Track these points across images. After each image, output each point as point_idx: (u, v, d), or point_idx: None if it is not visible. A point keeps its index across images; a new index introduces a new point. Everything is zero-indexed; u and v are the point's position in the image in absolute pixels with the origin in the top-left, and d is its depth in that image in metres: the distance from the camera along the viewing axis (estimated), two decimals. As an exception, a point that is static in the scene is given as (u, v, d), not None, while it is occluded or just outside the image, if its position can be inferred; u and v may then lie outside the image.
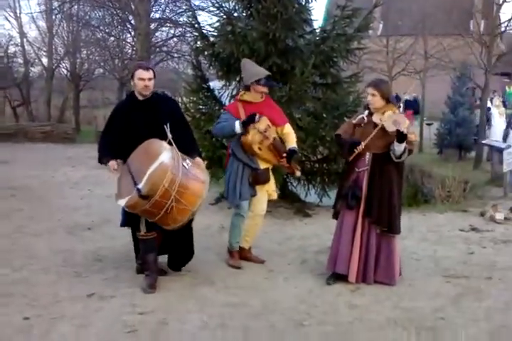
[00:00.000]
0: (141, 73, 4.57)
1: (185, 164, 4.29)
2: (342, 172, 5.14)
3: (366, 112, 4.80)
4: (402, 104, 5.49)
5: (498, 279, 4.99)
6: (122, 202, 4.26)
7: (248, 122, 4.95)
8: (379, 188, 4.70)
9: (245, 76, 5.22)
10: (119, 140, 4.59)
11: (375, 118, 4.72)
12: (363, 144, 4.61)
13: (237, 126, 4.98)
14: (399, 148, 4.59)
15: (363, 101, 7.20)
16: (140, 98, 4.65)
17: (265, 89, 5.16)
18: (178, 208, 4.20)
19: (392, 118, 4.63)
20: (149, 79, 4.59)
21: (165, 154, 4.20)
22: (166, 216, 4.23)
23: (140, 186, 4.14)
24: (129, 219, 4.60)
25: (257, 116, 4.96)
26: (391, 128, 4.60)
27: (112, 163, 4.53)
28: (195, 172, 4.36)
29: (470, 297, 4.56)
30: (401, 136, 4.54)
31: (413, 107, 26.18)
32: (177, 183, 4.15)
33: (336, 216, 4.96)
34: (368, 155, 4.72)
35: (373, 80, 4.98)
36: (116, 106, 4.92)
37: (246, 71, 5.22)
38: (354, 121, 4.83)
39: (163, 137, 4.40)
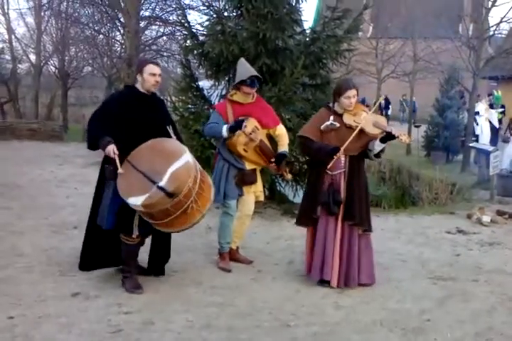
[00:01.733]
0: (152, 68, 4.47)
1: (198, 166, 4.34)
2: (309, 176, 4.95)
3: (332, 118, 4.59)
4: (390, 107, 5.53)
5: (484, 281, 5.02)
6: (137, 201, 4.05)
7: (235, 128, 4.92)
8: (358, 190, 4.66)
9: (236, 76, 5.21)
10: (117, 131, 4.34)
11: (348, 120, 4.60)
12: (342, 150, 4.51)
13: (224, 131, 4.96)
14: (379, 147, 4.58)
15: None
16: (143, 91, 4.52)
17: (250, 90, 5.11)
18: (194, 209, 4.18)
19: (371, 121, 4.58)
20: (159, 75, 4.52)
21: (188, 153, 4.23)
22: (180, 217, 4.16)
23: (162, 184, 4.05)
24: (120, 221, 4.39)
25: (244, 122, 4.92)
26: (374, 131, 4.55)
27: (113, 147, 4.24)
28: (206, 176, 4.39)
29: (456, 299, 4.58)
30: (388, 138, 4.53)
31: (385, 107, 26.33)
32: (198, 184, 4.18)
33: (308, 222, 4.80)
34: (343, 158, 4.63)
35: (348, 81, 4.82)
36: (114, 96, 4.70)
37: (237, 71, 5.23)
38: (322, 128, 4.62)
39: (164, 136, 4.43)
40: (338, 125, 4.59)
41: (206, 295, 4.50)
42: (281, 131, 5.29)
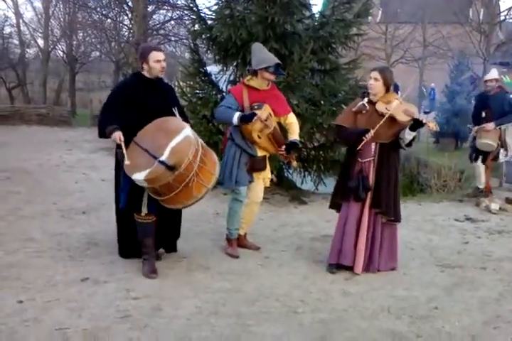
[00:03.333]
0: (157, 55, 4.49)
1: (201, 141, 4.42)
2: (343, 163, 5.03)
3: (366, 99, 4.71)
4: (399, 92, 5.53)
5: (492, 269, 5.01)
6: (140, 176, 4.15)
7: (247, 119, 4.89)
8: (386, 179, 4.69)
9: (254, 61, 5.10)
10: (128, 117, 4.41)
11: (380, 108, 4.64)
12: (372, 132, 4.54)
13: (235, 119, 4.92)
14: (410, 136, 4.60)
15: (360, 88, 7.17)
16: (151, 77, 4.56)
17: (273, 77, 5.09)
18: (197, 182, 4.24)
19: (401, 108, 4.61)
20: (164, 60, 4.54)
21: (188, 129, 4.31)
22: (184, 191, 4.22)
23: (163, 158, 4.13)
24: (130, 200, 4.48)
25: (257, 114, 4.89)
26: (404, 118, 4.57)
27: (119, 134, 4.31)
28: (209, 151, 4.46)
29: (464, 287, 4.57)
30: (417, 125, 4.54)
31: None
32: (199, 157, 4.24)
33: (335, 206, 4.92)
34: (373, 146, 4.67)
35: (379, 66, 4.97)
36: (123, 84, 4.73)
37: (256, 56, 5.11)
38: (354, 109, 4.75)
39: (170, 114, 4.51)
40: (367, 107, 4.66)
41: (214, 281, 4.52)
42: (291, 119, 5.26)
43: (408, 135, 4.60)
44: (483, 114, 7.65)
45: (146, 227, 4.60)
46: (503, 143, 7.65)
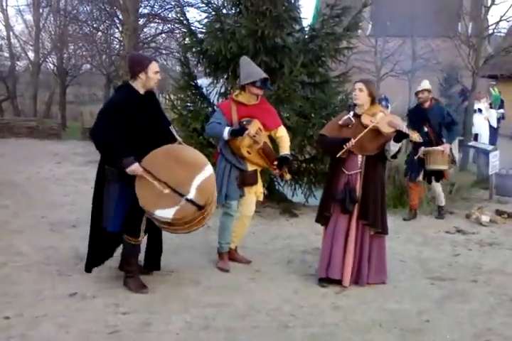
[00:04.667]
0: (156, 66, 4.40)
1: None
2: (328, 176, 5.01)
3: (351, 113, 4.75)
4: (389, 105, 5.58)
5: (483, 282, 5.00)
6: (167, 214, 4.06)
7: (237, 134, 4.88)
8: (373, 191, 4.70)
9: (241, 76, 5.11)
10: (130, 138, 4.25)
11: (365, 120, 4.68)
12: (353, 141, 4.56)
13: (226, 134, 4.92)
14: (395, 147, 4.63)
15: (350, 101, 7.21)
16: (142, 92, 4.41)
17: (260, 92, 5.08)
18: (209, 214, 4.38)
19: (385, 120, 4.63)
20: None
21: (210, 165, 4.29)
22: (197, 223, 4.32)
23: (191, 197, 4.11)
24: (128, 224, 4.37)
25: (248, 128, 4.88)
26: (388, 129, 4.59)
27: (138, 166, 4.14)
28: None
29: (455, 299, 4.57)
30: (401, 137, 4.56)
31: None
32: (215, 193, 4.40)
33: (321, 220, 4.89)
34: (360, 158, 4.69)
35: (362, 78, 5.03)
36: (120, 101, 4.37)
37: (242, 70, 5.12)
38: (340, 122, 4.77)
39: (168, 136, 4.47)
40: (353, 121, 4.69)
41: (204, 296, 4.48)
42: (282, 132, 5.26)
43: (393, 147, 4.63)
44: (425, 129, 7.08)
45: (135, 248, 4.54)
46: (452, 157, 7.37)
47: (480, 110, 13.56)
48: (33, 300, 4.22)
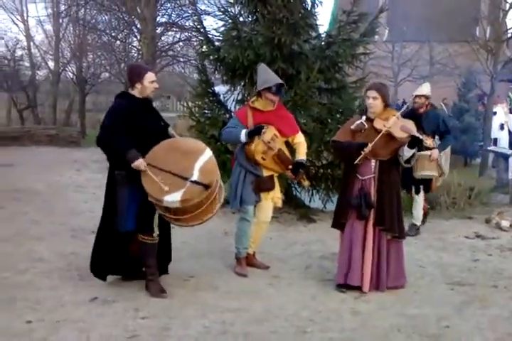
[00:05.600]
0: (152, 76, 4.58)
1: None
2: (342, 182, 5.02)
3: (364, 118, 4.72)
4: (404, 109, 5.38)
5: (503, 287, 4.95)
6: (174, 197, 4.19)
7: (254, 133, 4.94)
8: (388, 195, 4.68)
9: (258, 82, 5.18)
10: (132, 140, 4.39)
11: (378, 125, 4.66)
12: (370, 145, 4.55)
13: (243, 136, 4.97)
14: (408, 153, 4.60)
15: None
16: (140, 97, 4.58)
17: (274, 97, 5.10)
18: (216, 198, 4.44)
19: (398, 125, 4.62)
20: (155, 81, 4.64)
21: (208, 149, 4.47)
22: (206, 208, 4.36)
23: (195, 178, 4.25)
24: (141, 221, 4.46)
25: (264, 129, 4.92)
26: (401, 134, 4.57)
27: (142, 161, 4.30)
28: None
29: (475, 305, 4.53)
30: (415, 142, 4.54)
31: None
32: (219, 174, 4.48)
33: (338, 226, 4.88)
34: (373, 163, 4.68)
35: (374, 83, 4.97)
36: (121, 107, 4.56)
37: (259, 77, 5.19)
38: (352, 127, 4.74)
39: (167, 136, 4.63)
40: (366, 125, 4.67)
41: (222, 301, 4.50)
42: (299, 139, 5.28)
43: (407, 152, 4.60)
44: None
45: (152, 248, 4.59)
46: (441, 168, 6.88)
47: (495, 113, 13.42)
48: (54, 306, 4.28)
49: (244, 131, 4.96)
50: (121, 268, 4.78)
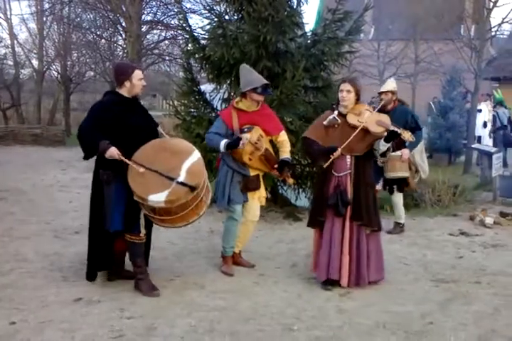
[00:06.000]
0: (140, 73, 4.59)
1: None
2: (317, 179, 5.00)
3: (336, 112, 4.70)
4: (381, 104, 5.27)
5: (487, 283, 5.00)
6: (159, 197, 4.17)
7: (232, 146, 4.93)
8: (364, 190, 4.69)
9: (242, 83, 5.17)
10: (112, 139, 4.34)
11: (352, 120, 4.64)
12: (339, 150, 4.55)
13: (222, 147, 4.97)
14: (384, 147, 4.61)
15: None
16: (129, 96, 4.57)
17: (261, 98, 5.13)
18: (203, 201, 4.44)
19: (374, 119, 4.60)
20: (144, 79, 4.65)
21: (197, 151, 4.46)
22: (192, 209, 4.35)
23: (181, 179, 4.23)
24: (127, 221, 4.45)
25: (241, 141, 4.89)
26: (377, 129, 4.56)
27: (115, 149, 4.26)
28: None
29: (459, 301, 4.56)
30: (391, 136, 4.53)
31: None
32: (206, 176, 4.48)
33: (315, 224, 4.86)
34: (348, 159, 4.67)
35: (347, 76, 4.94)
36: (102, 104, 4.56)
37: (243, 78, 5.17)
38: (325, 123, 4.72)
39: (156, 134, 4.64)
40: (339, 121, 4.65)
41: (209, 299, 4.50)
42: (283, 137, 5.29)
43: (383, 146, 4.62)
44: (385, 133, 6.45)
45: (140, 247, 4.59)
46: (415, 166, 6.71)
47: (480, 110, 13.51)
48: (38, 306, 4.25)
49: (223, 142, 4.96)
50: (108, 264, 4.75)
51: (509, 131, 13.66)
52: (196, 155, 4.43)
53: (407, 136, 4.55)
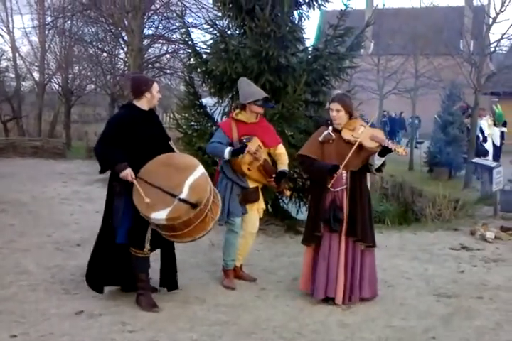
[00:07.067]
0: (157, 86, 4.68)
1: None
2: (312, 194, 4.97)
3: (331, 128, 4.72)
4: (371, 122, 5.16)
5: (488, 298, 4.99)
6: (160, 215, 4.18)
7: (237, 153, 4.97)
8: (360, 205, 4.68)
9: (242, 95, 5.22)
10: (129, 151, 4.42)
11: (346, 135, 4.66)
12: (341, 168, 4.56)
13: (227, 154, 5.02)
14: (379, 161, 4.62)
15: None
16: (146, 109, 4.63)
17: (261, 110, 5.21)
18: (209, 217, 4.38)
19: (368, 134, 4.62)
20: None
21: (201, 166, 4.44)
22: (198, 226, 4.32)
23: (183, 196, 4.22)
24: (132, 235, 4.46)
25: (247, 147, 4.95)
26: (371, 144, 4.59)
27: (130, 171, 4.33)
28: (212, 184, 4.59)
29: (461, 316, 4.56)
30: (385, 151, 4.55)
31: (399, 124, 26.52)
32: (212, 192, 4.41)
33: (312, 240, 4.80)
34: (344, 174, 4.67)
35: (337, 95, 4.90)
36: (121, 117, 4.63)
37: (243, 90, 5.23)
38: (320, 139, 4.73)
39: (168, 150, 4.62)
40: (333, 136, 4.66)
41: (210, 313, 4.49)
42: (281, 150, 5.37)
43: (378, 161, 4.62)
44: None
45: (145, 262, 4.58)
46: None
47: (480, 128, 13.60)
48: (39, 319, 4.24)
49: (228, 149, 5.02)
50: (119, 278, 4.75)
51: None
52: (200, 170, 4.41)
53: (400, 150, 4.56)
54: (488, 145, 14.01)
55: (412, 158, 16.87)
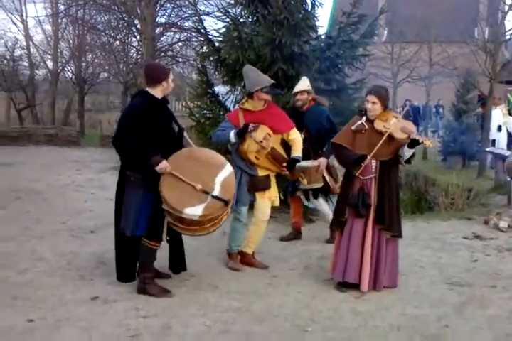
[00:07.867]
0: (171, 74, 4.65)
1: None
2: (343, 181, 5.05)
3: (364, 118, 4.76)
4: (402, 111, 5.25)
5: (502, 287, 4.98)
6: (196, 211, 4.23)
7: (242, 133, 4.99)
8: (388, 195, 4.72)
9: (249, 83, 5.21)
10: (152, 141, 4.36)
11: (379, 126, 4.70)
12: (369, 158, 4.61)
13: (232, 136, 5.04)
14: (409, 153, 4.64)
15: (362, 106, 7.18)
16: (160, 97, 4.57)
17: (268, 97, 5.19)
18: (226, 215, 4.57)
19: (399, 125, 4.65)
20: None
21: (229, 164, 4.54)
22: (217, 221, 4.47)
23: (216, 193, 4.30)
24: (151, 228, 4.45)
25: (251, 126, 4.97)
26: (401, 135, 4.61)
27: (166, 163, 4.29)
28: None
29: (474, 305, 4.55)
30: (414, 143, 4.57)
31: (423, 113, 26.32)
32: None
33: (337, 225, 4.89)
34: (374, 163, 4.71)
35: (373, 87, 4.94)
36: (141, 106, 4.45)
37: (249, 79, 5.21)
38: (353, 128, 4.78)
39: (180, 138, 4.66)
40: (366, 126, 4.71)
41: (223, 300, 4.52)
42: (294, 135, 5.31)
43: (407, 152, 4.65)
44: (303, 136, 5.67)
45: (154, 254, 4.60)
46: (335, 170, 6.12)
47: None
48: (55, 304, 4.30)
49: (232, 132, 5.04)
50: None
51: None
52: (229, 168, 4.49)
53: (427, 142, 4.59)
54: (503, 135, 13.86)
55: (426, 147, 16.78)
